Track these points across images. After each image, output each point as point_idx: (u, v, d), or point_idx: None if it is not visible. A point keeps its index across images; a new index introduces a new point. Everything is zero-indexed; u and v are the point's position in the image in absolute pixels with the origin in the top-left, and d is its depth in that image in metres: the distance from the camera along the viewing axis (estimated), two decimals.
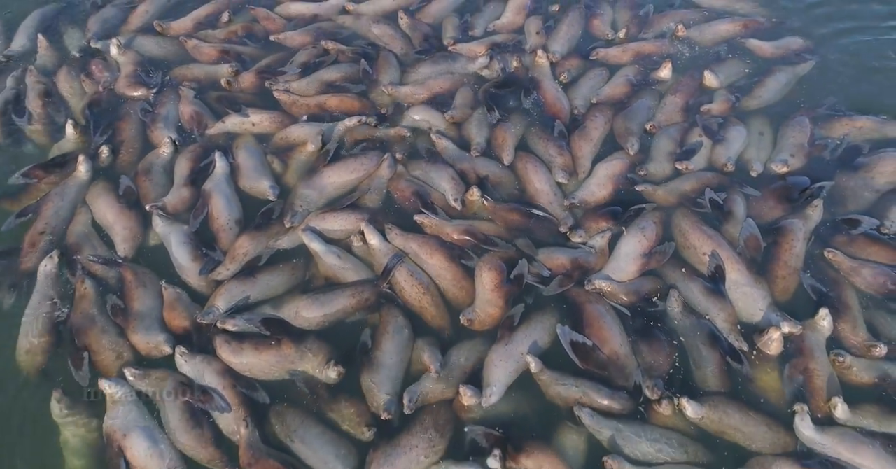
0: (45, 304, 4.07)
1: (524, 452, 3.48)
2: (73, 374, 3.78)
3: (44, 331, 3.98)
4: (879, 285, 4.25)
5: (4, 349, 3.95)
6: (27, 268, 4.27)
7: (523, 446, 3.50)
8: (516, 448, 3.49)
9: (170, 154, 4.91)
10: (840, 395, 3.68)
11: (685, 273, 4.30)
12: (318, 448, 3.52)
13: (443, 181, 4.75)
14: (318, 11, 6.17)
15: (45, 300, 4.09)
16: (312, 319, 4.03)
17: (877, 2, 6.46)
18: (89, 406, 3.67)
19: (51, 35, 5.91)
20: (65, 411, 3.59)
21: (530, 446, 3.51)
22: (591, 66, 5.77)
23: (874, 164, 4.89)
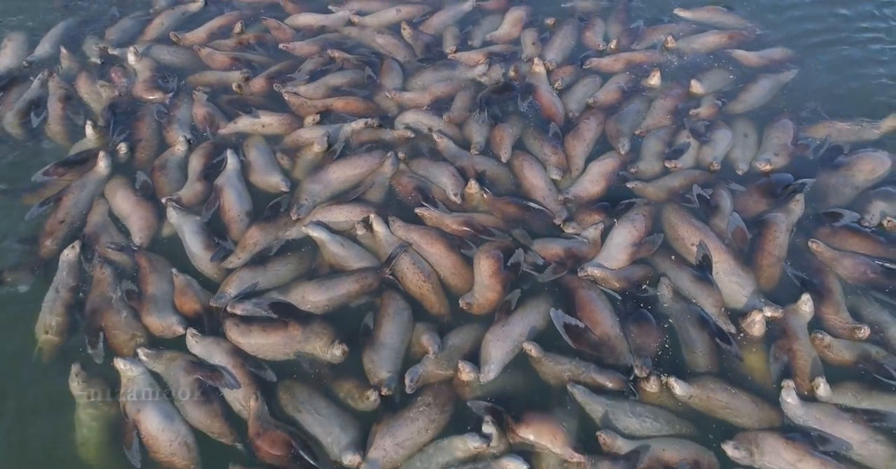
0: (64, 290, 4.27)
1: (523, 423, 3.65)
2: (88, 352, 3.96)
3: (62, 314, 4.17)
4: (860, 274, 4.47)
5: (22, 329, 4.14)
6: (46, 254, 4.49)
7: (522, 417, 3.67)
8: (516, 419, 3.66)
9: (184, 152, 5.17)
10: (822, 376, 3.86)
11: (675, 262, 4.52)
12: (325, 418, 3.68)
13: (443, 177, 5.00)
14: (325, 23, 6.51)
15: (65, 285, 4.29)
16: (318, 303, 4.23)
17: (856, 17, 6.81)
18: (105, 381, 3.84)
19: (72, 44, 6.22)
20: (82, 384, 3.77)
21: (528, 416, 3.68)
22: (584, 74, 6.07)
23: (854, 163, 5.16)
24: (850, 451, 3.64)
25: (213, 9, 6.74)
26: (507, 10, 6.75)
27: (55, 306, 4.16)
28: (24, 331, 4.12)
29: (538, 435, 3.61)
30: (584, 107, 5.72)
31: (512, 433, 3.65)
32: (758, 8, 6.86)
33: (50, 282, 4.32)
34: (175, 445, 3.62)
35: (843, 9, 6.86)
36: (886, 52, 6.30)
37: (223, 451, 3.68)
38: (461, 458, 3.58)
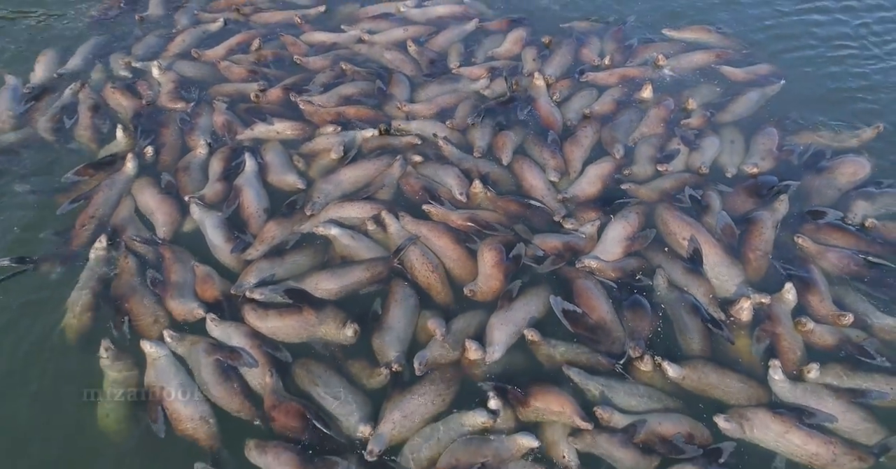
0: (93, 279, 4.56)
1: (532, 396, 3.89)
2: (113, 334, 4.22)
3: (89, 301, 4.44)
4: (843, 266, 4.75)
5: (48, 312, 4.41)
6: (77, 245, 4.79)
7: (530, 391, 3.91)
8: (525, 393, 3.90)
9: (205, 155, 5.51)
10: (812, 362, 4.10)
11: (669, 256, 4.80)
12: (338, 390, 3.94)
13: (449, 178, 5.32)
14: (337, 40, 6.93)
15: (94, 275, 4.57)
16: (331, 290, 4.50)
17: (835, 37, 7.21)
18: (132, 357, 4.10)
19: (101, 59, 6.64)
20: (111, 359, 4.04)
21: (536, 389, 3.92)
22: (581, 87, 6.44)
23: (836, 167, 5.49)
24: (834, 424, 3.86)
25: (233, 27, 7.17)
26: (508, 30, 7.17)
27: (82, 295, 4.43)
28: (51, 313, 4.39)
29: (547, 406, 3.86)
30: (581, 116, 6.07)
31: (522, 408, 3.89)
32: (743, 28, 7.28)
33: (79, 271, 4.60)
34: (196, 420, 3.86)
35: (820, 29, 7.30)
36: (861, 66, 6.71)
37: (241, 425, 3.90)
38: (469, 432, 3.80)
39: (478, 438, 3.76)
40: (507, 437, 3.76)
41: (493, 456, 3.67)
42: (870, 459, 3.74)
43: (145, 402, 3.93)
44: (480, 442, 3.73)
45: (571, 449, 3.72)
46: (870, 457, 3.74)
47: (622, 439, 3.73)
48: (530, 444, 3.69)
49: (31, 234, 4.86)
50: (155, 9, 7.49)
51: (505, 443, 3.74)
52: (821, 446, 3.77)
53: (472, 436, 3.78)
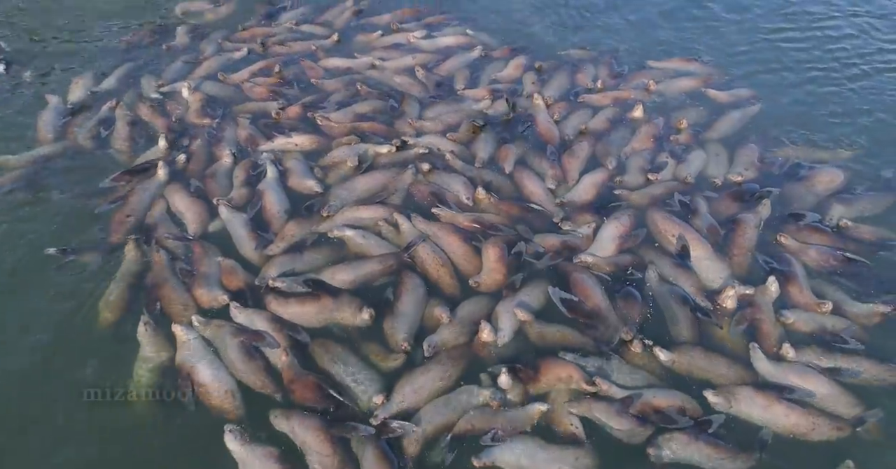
0: (128, 273, 4.95)
1: (541, 371, 4.25)
2: (146, 316, 4.58)
3: (123, 292, 4.82)
4: (823, 261, 5.15)
5: (81, 298, 4.80)
6: (115, 241, 5.21)
7: (539, 366, 4.27)
8: (534, 370, 4.25)
9: (230, 164, 5.98)
10: (787, 342, 4.47)
11: (659, 253, 5.20)
12: (353, 367, 4.28)
13: (456, 185, 5.76)
14: (351, 65, 7.49)
15: (129, 270, 4.97)
16: (346, 281, 4.86)
17: (808, 59, 7.80)
18: (164, 336, 4.46)
19: (133, 81, 7.20)
20: (148, 333, 4.40)
21: (543, 363, 4.28)
22: (577, 107, 6.95)
23: (814, 176, 5.94)
24: (812, 398, 4.17)
25: (254, 57, 7.75)
26: (510, 58, 7.75)
27: (118, 286, 4.81)
28: (84, 299, 4.78)
29: (556, 375, 4.22)
30: (577, 132, 6.56)
31: (533, 382, 4.22)
32: (722, 56, 7.87)
33: (114, 263, 5.01)
34: (222, 394, 4.17)
35: (796, 54, 7.93)
36: (833, 86, 7.26)
37: (263, 399, 4.22)
38: (478, 405, 4.12)
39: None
40: (521, 409, 4.09)
41: (507, 423, 3.99)
42: (847, 429, 4.04)
43: (175, 379, 4.27)
44: (496, 411, 4.06)
45: (578, 419, 4.03)
46: (847, 427, 4.04)
47: (619, 408, 4.05)
48: (541, 408, 4.03)
49: (73, 230, 5.28)
50: (181, 39, 8.10)
51: (518, 412, 4.07)
52: (801, 417, 4.08)
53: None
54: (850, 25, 8.51)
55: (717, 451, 3.90)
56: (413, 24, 8.41)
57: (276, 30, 8.25)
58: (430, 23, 8.40)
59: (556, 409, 4.13)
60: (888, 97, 7.16)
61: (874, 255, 5.20)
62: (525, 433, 4.00)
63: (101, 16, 8.38)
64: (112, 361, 4.38)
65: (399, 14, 8.60)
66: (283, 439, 3.94)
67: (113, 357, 4.40)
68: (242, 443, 3.83)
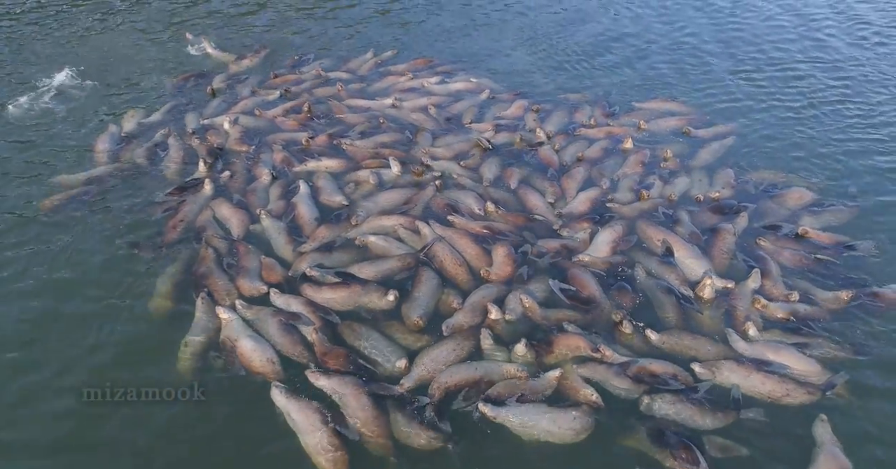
0: (177, 271, 5.65)
1: (554, 343, 4.86)
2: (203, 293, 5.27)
3: (172, 286, 5.49)
4: (796, 261, 5.84)
5: (135, 286, 5.50)
6: (168, 241, 5.95)
7: (551, 340, 4.87)
8: (548, 344, 4.85)
9: (268, 182, 6.77)
10: (752, 322, 5.08)
11: (647, 254, 5.88)
12: (378, 341, 4.90)
13: (468, 199, 6.52)
14: (372, 105, 8.43)
15: (180, 268, 5.68)
16: (370, 274, 5.53)
17: (781, 95, 8.75)
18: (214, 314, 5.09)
19: (178, 115, 8.13)
20: (205, 309, 5.07)
21: (555, 337, 4.89)
22: (575, 140, 7.81)
23: (786, 194, 6.71)
24: (785, 369, 4.74)
25: (285, 98, 8.70)
26: (513, 101, 8.69)
27: (167, 281, 5.49)
28: (138, 288, 5.48)
29: (568, 347, 4.84)
30: (575, 159, 7.38)
31: (547, 354, 4.83)
32: (700, 96, 8.84)
33: (167, 259, 5.71)
34: (264, 362, 4.76)
35: (757, 90, 8.94)
36: (795, 118, 8.19)
37: (299, 366, 4.80)
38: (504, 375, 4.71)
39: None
40: (541, 376, 4.66)
41: (529, 390, 4.55)
42: (817, 393, 4.58)
43: (223, 351, 4.87)
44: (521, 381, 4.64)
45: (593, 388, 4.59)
46: (817, 391, 4.59)
47: (618, 370, 4.63)
48: (557, 374, 4.61)
49: (135, 232, 6.10)
50: (219, 84, 9.09)
51: (539, 380, 4.63)
52: (775, 384, 4.63)
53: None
54: (809, 67, 9.55)
55: (699, 409, 4.44)
56: (426, 72, 9.43)
57: (304, 77, 9.26)
58: (441, 71, 9.42)
59: (573, 381, 4.67)
60: (840, 126, 8.04)
61: (839, 255, 5.87)
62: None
63: (152, 66, 9.42)
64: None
65: (413, 64, 9.64)
66: (319, 395, 4.49)
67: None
68: (287, 396, 4.39)
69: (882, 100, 8.63)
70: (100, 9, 10.94)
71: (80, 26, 10.39)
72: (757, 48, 10.16)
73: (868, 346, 4.97)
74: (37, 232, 6.08)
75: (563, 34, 10.68)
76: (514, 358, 4.81)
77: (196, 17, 10.96)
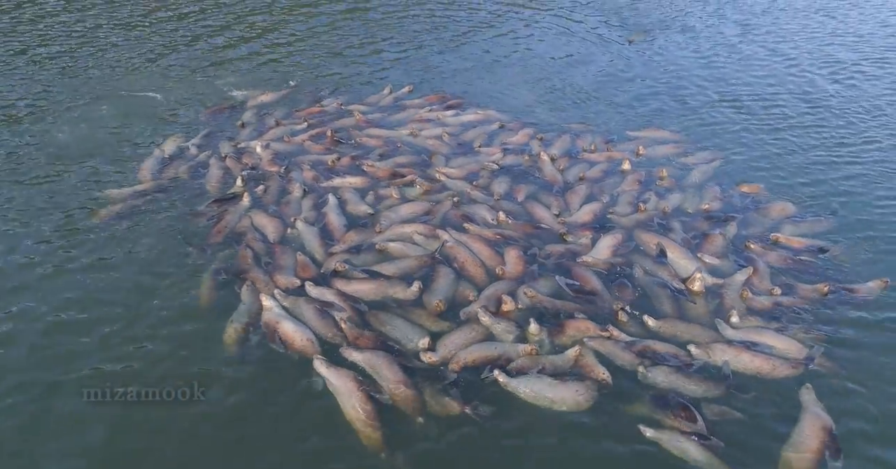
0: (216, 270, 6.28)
1: (567, 325, 5.44)
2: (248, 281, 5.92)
3: (214, 282, 6.10)
4: (782, 262, 6.47)
5: (179, 278, 6.13)
6: (212, 244, 6.63)
7: (564, 323, 5.47)
8: (560, 326, 5.43)
9: (300, 195, 7.47)
10: (735, 310, 5.68)
11: (644, 256, 6.51)
12: (401, 326, 5.47)
13: (482, 211, 7.20)
14: (391, 134, 9.23)
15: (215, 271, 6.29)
16: (391, 271, 6.15)
17: (749, 131, 9.56)
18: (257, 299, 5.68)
19: (213, 141, 8.93)
20: (249, 293, 5.67)
21: (566, 321, 5.49)
22: (577, 162, 8.56)
23: (769, 207, 7.40)
24: (770, 349, 5.29)
25: (310, 127, 9.52)
26: (521, 129, 9.50)
27: (209, 278, 6.13)
28: (182, 279, 6.13)
29: (577, 328, 5.44)
30: (577, 178, 8.10)
31: (560, 335, 5.42)
32: (688, 125, 9.70)
33: (208, 260, 6.37)
34: (304, 341, 5.33)
35: (749, 120, 9.81)
36: (774, 142, 9.00)
37: (333, 346, 5.36)
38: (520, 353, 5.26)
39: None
40: (561, 354, 5.23)
41: (550, 365, 5.10)
42: (800, 367, 5.12)
43: (265, 331, 5.45)
44: (540, 358, 5.19)
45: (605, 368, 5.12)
46: (800, 365, 5.13)
47: (623, 346, 5.20)
48: (576, 351, 5.17)
49: (183, 235, 6.80)
50: (249, 117, 9.90)
51: (559, 357, 5.19)
52: (763, 362, 5.18)
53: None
54: (786, 99, 10.45)
55: (692, 378, 4.98)
56: (439, 106, 10.28)
57: (327, 109, 10.11)
58: (453, 105, 10.27)
59: (589, 359, 5.22)
60: (815, 149, 8.88)
61: (818, 257, 6.52)
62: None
63: (188, 100, 10.30)
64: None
65: (427, 100, 10.51)
66: (355, 368, 5.04)
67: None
68: (328, 367, 4.95)
69: (850, 126, 9.59)
70: (138, 51, 12.02)
71: (125, 67, 11.38)
72: (737, 85, 11.11)
73: (841, 330, 5.58)
74: (92, 237, 6.73)
75: (564, 75, 11.62)
76: (529, 337, 5.37)
77: (226, 60, 11.95)
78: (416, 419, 4.68)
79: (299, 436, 4.68)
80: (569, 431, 4.73)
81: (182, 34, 12.98)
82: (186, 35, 12.93)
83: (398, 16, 14.38)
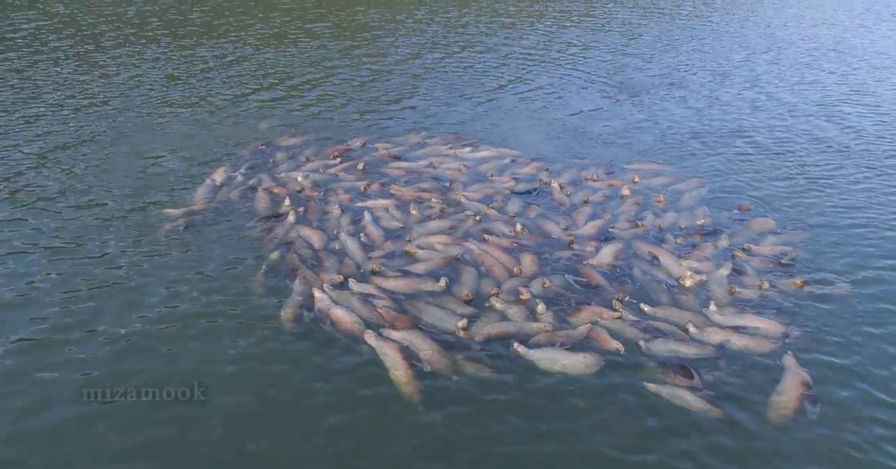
0: (266, 271, 7.20)
1: (580, 309, 6.33)
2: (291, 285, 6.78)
3: (265, 278, 7.03)
4: (766, 264, 7.38)
5: (237, 272, 7.06)
6: (266, 251, 7.56)
7: (577, 307, 6.36)
8: (575, 309, 6.30)
9: (339, 214, 8.49)
10: (713, 303, 6.54)
11: (641, 260, 7.43)
12: (434, 310, 6.34)
13: (500, 225, 8.19)
14: (413, 167, 10.35)
15: (268, 268, 7.23)
16: (419, 270, 7.09)
17: (733, 161, 10.66)
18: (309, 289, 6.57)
19: (256, 173, 10.04)
20: (299, 285, 6.56)
21: (579, 306, 6.37)
22: (582, 188, 9.61)
23: (752, 222, 8.39)
24: (755, 330, 6.14)
25: (341, 162, 10.66)
26: (530, 162, 10.62)
27: (261, 275, 7.06)
28: (239, 273, 7.06)
29: (590, 311, 6.30)
30: (582, 202, 9.13)
31: (574, 316, 6.28)
32: (673, 158, 10.83)
33: (262, 261, 7.31)
34: (352, 322, 6.19)
35: (731, 152, 11.01)
36: (756, 172, 10.08)
37: (376, 327, 6.21)
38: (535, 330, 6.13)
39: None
40: (575, 329, 6.08)
41: (566, 338, 5.94)
42: (779, 342, 5.95)
43: (317, 315, 6.32)
44: (556, 333, 6.05)
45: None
46: (779, 340, 5.96)
47: (630, 323, 6.12)
48: (588, 327, 6.03)
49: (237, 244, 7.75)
50: (281, 157, 11.05)
51: (574, 331, 6.04)
52: (750, 340, 6.01)
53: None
54: (763, 136, 11.61)
55: (687, 346, 5.81)
56: (455, 144, 11.45)
57: (353, 146, 11.29)
58: (469, 144, 11.45)
59: (604, 335, 6.06)
60: (792, 173, 9.95)
61: (798, 259, 7.44)
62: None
63: (229, 138, 11.52)
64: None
65: (445, 139, 11.69)
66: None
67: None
68: (377, 338, 5.80)
69: (819, 153, 10.85)
70: (180, 99, 13.40)
71: (173, 114, 12.71)
72: (721, 123, 12.48)
73: (811, 315, 6.47)
74: (156, 246, 7.68)
75: (568, 118, 12.90)
76: (538, 316, 6.26)
77: (265, 106, 13.29)
78: (451, 378, 5.49)
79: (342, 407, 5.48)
80: (586, 392, 5.50)
81: (223, 80, 14.59)
82: (228, 82, 14.49)
83: (420, 76, 15.95)
